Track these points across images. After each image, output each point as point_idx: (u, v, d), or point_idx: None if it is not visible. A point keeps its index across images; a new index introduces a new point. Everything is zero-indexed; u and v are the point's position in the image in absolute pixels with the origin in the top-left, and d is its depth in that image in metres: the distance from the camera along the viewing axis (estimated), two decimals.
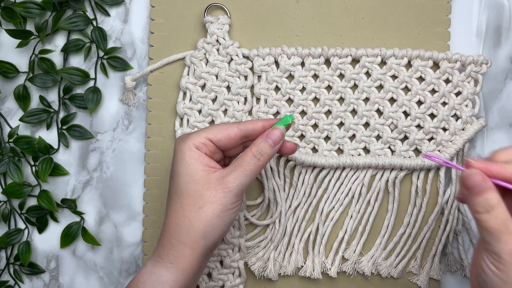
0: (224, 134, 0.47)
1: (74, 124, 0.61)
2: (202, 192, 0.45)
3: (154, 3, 0.60)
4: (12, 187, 0.60)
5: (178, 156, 0.47)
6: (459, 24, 0.60)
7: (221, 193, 0.45)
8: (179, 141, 0.48)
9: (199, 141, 0.47)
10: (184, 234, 0.45)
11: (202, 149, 0.47)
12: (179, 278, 0.45)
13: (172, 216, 0.46)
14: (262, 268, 0.59)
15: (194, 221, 0.45)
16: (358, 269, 0.59)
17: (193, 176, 0.46)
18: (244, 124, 0.48)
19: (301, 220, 0.60)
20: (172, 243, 0.46)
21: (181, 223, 0.45)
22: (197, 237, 0.45)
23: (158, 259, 0.46)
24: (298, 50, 0.57)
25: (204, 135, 0.47)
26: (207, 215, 0.45)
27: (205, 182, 0.46)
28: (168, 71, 0.60)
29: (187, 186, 0.46)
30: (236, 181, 0.46)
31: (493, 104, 0.60)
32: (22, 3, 0.58)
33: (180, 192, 0.46)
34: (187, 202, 0.46)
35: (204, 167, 0.46)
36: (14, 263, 0.62)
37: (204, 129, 0.48)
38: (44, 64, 0.60)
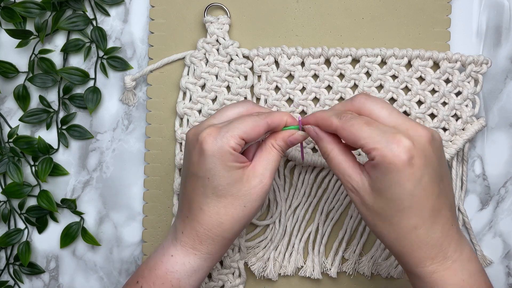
0: (256, 132, 0.47)
1: (74, 124, 0.61)
2: (244, 192, 0.47)
3: (154, 3, 0.60)
4: (12, 187, 0.60)
5: (214, 158, 0.46)
6: (459, 24, 0.60)
7: (262, 192, 0.48)
8: (212, 143, 0.46)
9: (235, 143, 0.46)
10: (228, 231, 0.47)
11: (237, 150, 0.47)
12: (213, 264, 0.49)
13: (213, 216, 0.47)
14: (262, 268, 0.59)
15: (239, 218, 0.47)
16: (358, 269, 0.59)
17: (233, 177, 0.46)
18: (271, 118, 0.48)
19: (301, 220, 0.60)
20: (214, 239, 0.47)
21: (226, 221, 0.47)
22: (240, 230, 0.48)
23: (194, 252, 0.48)
24: (298, 50, 0.57)
25: (238, 135, 0.46)
26: (250, 212, 0.48)
27: (245, 181, 0.47)
28: (168, 71, 0.60)
29: (228, 188, 0.47)
30: (271, 178, 0.48)
31: (493, 104, 0.60)
32: (22, 3, 0.58)
33: (221, 193, 0.47)
34: (230, 202, 0.47)
35: (240, 165, 0.47)
36: (14, 263, 0.62)
37: (234, 125, 0.46)
38: (44, 64, 0.60)
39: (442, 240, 0.43)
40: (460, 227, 0.60)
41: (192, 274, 0.48)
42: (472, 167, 0.61)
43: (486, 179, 0.61)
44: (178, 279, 0.47)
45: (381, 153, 0.41)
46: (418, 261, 0.44)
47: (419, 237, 0.43)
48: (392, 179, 0.42)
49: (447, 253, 0.44)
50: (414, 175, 0.41)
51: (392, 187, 0.42)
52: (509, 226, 0.61)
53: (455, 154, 0.58)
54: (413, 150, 0.41)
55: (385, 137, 0.42)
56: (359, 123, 0.43)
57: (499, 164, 0.61)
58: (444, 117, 0.57)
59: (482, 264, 0.60)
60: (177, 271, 0.48)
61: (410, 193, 0.42)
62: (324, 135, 0.47)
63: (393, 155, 0.41)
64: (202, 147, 0.46)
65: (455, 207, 0.48)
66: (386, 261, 0.59)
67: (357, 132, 0.43)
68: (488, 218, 0.61)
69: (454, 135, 0.58)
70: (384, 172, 0.42)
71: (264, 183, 0.47)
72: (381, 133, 0.42)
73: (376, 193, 0.43)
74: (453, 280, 0.43)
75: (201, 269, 0.48)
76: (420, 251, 0.43)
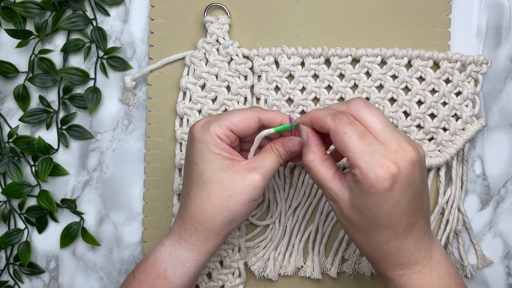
0: (245, 124, 0.47)
1: (74, 124, 0.61)
2: (231, 181, 0.46)
3: (154, 3, 0.60)
4: (12, 187, 0.60)
5: (201, 144, 0.47)
6: (459, 24, 0.60)
7: (251, 187, 0.46)
8: (200, 130, 0.47)
9: (221, 132, 0.47)
10: (210, 221, 0.47)
11: (224, 140, 0.47)
12: (200, 258, 0.48)
13: (197, 202, 0.47)
14: (262, 268, 0.59)
15: (221, 209, 0.46)
16: (358, 269, 0.59)
17: (220, 164, 0.46)
18: (264, 114, 0.48)
19: (301, 220, 0.60)
20: (197, 227, 0.47)
21: (208, 209, 0.47)
22: (223, 224, 0.47)
23: (180, 240, 0.48)
24: (298, 50, 0.57)
25: (225, 125, 0.47)
26: (235, 205, 0.46)
27: (233, 172, 0.46)
28: (168, 71, 0.60)
29: (215, 174, 0.46)
30: (264, 177, 0.47)
31: (493, 104, 0.60)
32: (22, 3, 0.58)
33: (206, 179, 0.47)
34: (214, 189, 0.46)
35: (230, 156, 0.47)
36: (14, 263, 0.62)
37: (224, 116, 0.47)
38: (44, 64, 0.60)
39: (413, 249, 0.44)
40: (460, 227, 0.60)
41: (178, 265, 0.47)
42: (472, 167, 0.61)
43: (486, 179, 0.61)
44: (164, 268, 0.47)
45: (364, 174, 0.41)
46: (389, 266, 0.45)
47: (391, 248, 0.44)
48: (370, 200, 0.42)
49: (418, 259, 0.45)
50: (393, 198, 0.41)
51: (370, 207, 0.42)
52: (509, 226, 0.61)
53: (455, 154, 0.58)
54: (397, 177, 0.41)
55: (373, 158, 0.41)
56: (352, 133, 0.42)
57: (499, 164, 0.61)
58: (444, 117, 0.57)
59: (482, 264, 0.60)
60: (164, 260, 0.48)
61: (387, 213, 0.42)
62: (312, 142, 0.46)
63: (376, 179, 0.41)
64: (192, 134, 0.48)
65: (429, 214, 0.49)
66: None
67: (347, 142, 0.42)
68: (488, 218, 0.61)
69: (454, 135, 0.58)
70: (364, 192, 0.42)
71: (254, 178, 0.46)
72: (370, 152, 0.41)
73: (354, 207, 0.43)
74: (422, 282, 0.45)
75: (187, 261, 0.47)
76: (390, 259, 0.45)
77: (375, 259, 0.45)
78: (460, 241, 0.60)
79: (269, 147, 0.49)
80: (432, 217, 0.59)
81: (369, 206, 0.42)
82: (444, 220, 0.59)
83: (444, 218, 0.59)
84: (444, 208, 0.59)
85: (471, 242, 0.61)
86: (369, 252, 0.45)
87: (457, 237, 0.60)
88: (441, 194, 0.59)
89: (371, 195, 0.41)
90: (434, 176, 0.59)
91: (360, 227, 0.44)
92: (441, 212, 0.59)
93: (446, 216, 0.59)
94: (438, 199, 0.59)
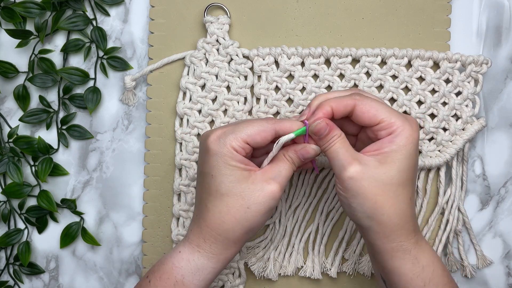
0: (261, 137, 0.47)
1: (74, 124, 0.61)
2: (249, 192, 0.47)
3: (154, 3, 0.60)
4: (12, 187, 0.60)
5: (217, 157, 0.47)
6: (459, 24, 0.60)
7: (269, 197, 0.47)
8: (216, 143, 0.47)
9: (237, 145, 0.47)
10: (230, 232, 0.47)
11: (240, 152, 0.47)
12: (218, 266, 0.49)
13: (216, 214, 0.47)
14: (262, 268, 0.59)
15: (241, 220, 0.47)
16: (358, 269, 0.59)
17: (237, 176, 0.47)
18: (280, 125, 0.48)
19: (301, 220, 0.60)
20: (216, 238, 0.47)
21: (227, 221, 0.47)
22: (242, 234, 0.48)
23: (198, 249, 0.48)
24: (298, 50, 0.57)
25: (241, 138, 0.47)
26: (254, 216, 0.47)
27: (250, 183, 0.47)
28: (168, 71, 0.60)
29: (233, 186, 0.47)
30: (281, 186, 0.48)
31: (493, 104, 0.60)
32: (22, 3, 0.58)
33: (225, 191, 0.47)
34: (233, 201, 0.47)
35: (246, 167, 0.47)
36: (14, 263, 0.62)
37: (240, 128, 0.47)
38: (44, 64, 0.60)
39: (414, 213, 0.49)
40: (460, 227, 0.60)
41: (196, 273, 0.48)
42: (472, 167, 0.61)
43: (486, 179, 0.61)
44: (182, 275, 0.48)
45: (402, 127, 0.46)
46: (408, 234, 0.47)
47: (412, 209, 0.48)
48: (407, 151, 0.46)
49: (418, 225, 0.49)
50: (418, 150, 0.48)
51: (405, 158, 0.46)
52: (509, 226, 0.61)
53: (455, 154, 0.58)
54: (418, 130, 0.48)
55: (399, 116, 0.47)
56: (376, 101, 0.48)
57: (499, 164, 0.61)
58: (444, 117, 0.57)
59: (482, 264, 0.60)
60: (182, 267, 0.48)
61: (414, 165, 0.47)
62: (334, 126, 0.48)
63: (411, 129, 0.47)
64: (207, 146, 0.48)
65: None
66: None
67: (378, 108, 0.47)
68: (488, 218, 0.61)
69: (454, 135, 0.58)
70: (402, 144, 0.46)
71: (272, 189, 0.47)
72: (395, 112, 0.47)
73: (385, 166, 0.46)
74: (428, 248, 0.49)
75: (205, 269, 0.48)
76: (410, 224, 0.47)
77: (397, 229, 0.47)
78: (460, 241, 0.60)
79: (282, 155, 0.49)
80: (432, 217, 0.59)
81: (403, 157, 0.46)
82: (444, 220, 0.59)
83: (444, 218, 0.59)
84: (444, 208, 0.59)
85: (471, 242, 0.60)
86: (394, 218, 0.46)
87: (457, 237, 0.60)
88: (441, 194, 0.59)
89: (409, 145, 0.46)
90: (434, 176, 0.59)
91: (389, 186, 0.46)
92: (441, 212, 0.59)
93: (446, 216, 0.59)
94: (438, 199, 0.59)
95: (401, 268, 0.47)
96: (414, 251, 0.47)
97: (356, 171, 0.46)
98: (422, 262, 0.47)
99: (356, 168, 0.46)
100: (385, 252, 0.47)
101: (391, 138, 0.46)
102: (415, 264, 0.47)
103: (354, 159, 0.46)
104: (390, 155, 0.46)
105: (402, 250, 0.47)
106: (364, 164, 0.46)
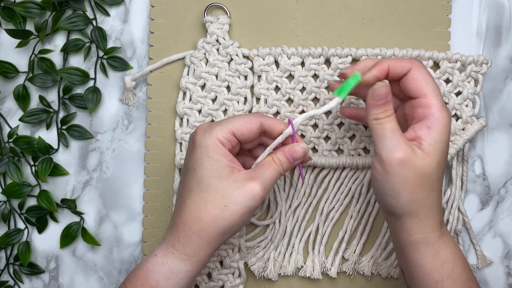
0: (247, 128, 0.47)
1: (74, 124, 0.61)
2: (229, 190, 0.45)
3: (154, 3, 0.60)
4: (12, 187, 0.60)
5: (201, 149, 0.46)
6: (459, 24, 0.60)
7: (248, 197, 0.46)
8: (201, 133, 0.47)
9: (223, 136, 0.46)
10: (205, 230, 0.46)
11: (226, 145, 0.46)
12: (193, 269, 0.47)
13: (192, 209, 0.46)
14: (262, 268, 0.59)
15: (217, 218, 0.45)
16: (358, 269, 0.59)
17: (219, 172, 0.46)
18: (266, 119, 0.48)
19: (301, 220, 0.60)
20: (191, 236, 0.46)
21: (203, 218, 0.45)
22: (218, 234, 0.46)
23: (172, 250, 0.46)
24: (298, 50, 0.57)
25: (227, 129, 0.46)
26: (231, 215, 0.45)
27: (232, 181, 0.46)
28: (168, 71, 0.60)
29: (212, 181, 0.46)
30: (263, 187, 0.46)
31: (493, 104, 0.60)
32: (22, 3, 0.58)
33: (204, 186, 0.46)
34: (211, 197, 0.45)
35: (229, 164, 0.46)
36: (14, 263, 0.62)
37: (226, 121, 0.47)
38: (44, 64, 0.60)
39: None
40: (460, 227, 0.60)
41: (170, 277, 0.46)
42: (472, 167, 0.61)
43: (486, 179, 0.61)
44: (156, 281, 0.46)
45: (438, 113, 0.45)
46: (434, 225, 0.47)
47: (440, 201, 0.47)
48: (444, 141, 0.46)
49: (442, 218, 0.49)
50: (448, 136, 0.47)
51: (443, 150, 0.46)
52: (509, 226, 0.61)
53: (455, 154, 0.58)
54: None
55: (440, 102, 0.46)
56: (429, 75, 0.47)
57: (499, 164, 0.61)
58: None
59: (482, 264, 0.60)
60: (156, 272, 0.46)
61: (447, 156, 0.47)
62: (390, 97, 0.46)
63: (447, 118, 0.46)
64: (193, 138, 0.47)
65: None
66: (386, 261, 0.59)
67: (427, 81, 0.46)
68: (488, 218, 0.61)
69: (454, 135, 0.58)
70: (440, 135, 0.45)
71: (252, 188, 0.46)
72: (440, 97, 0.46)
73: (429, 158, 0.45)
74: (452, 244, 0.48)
75: (180, 273, 0.46)
76: (437, 216, 0.47)
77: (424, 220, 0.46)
78: (460, 241, 0.60)
79: (270, 157, 0.48)
80: None
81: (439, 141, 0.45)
82: (444, 220, 0.59)
83: (444, 218, 0.59)
84: (444, 208, 0.59)
85: (471, 242, 0.60)
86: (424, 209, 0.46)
87: (457, 237, 0.60)
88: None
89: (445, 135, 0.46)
90: None
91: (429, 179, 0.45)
92: None
93: (446, 216, 0.59)
94: None
95: (421, 260, 0.46)
96: (437, 245, 0.46)
97: (406, 156, 0.44)
98: (443, 257, 0.47)
99: (407, 153, 0.44)
100: (409, 243, 0.47)
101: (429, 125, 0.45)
102: (436, 258, 0.46)
103: (405, 144, 0.45)
104: (429, 147, 0.45)
105: (425, 243, 0.46)
106: (413, 151, 0.45)
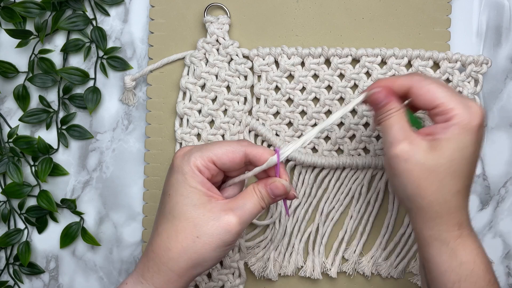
0: (229, 158, 0.44)
1: (73, 124, 0.61)
2: (203, 220, 0.43)
3: (154, 3, 0.60)
4: (12, 187, 0.60)
5: (178, 175, 0.44)
6: (459, 24, 0.60)
7: (223, 230, 0.43)
8: (180, 158, 0.45)
9: (201, 164, 0.44)
10: (174, 261, 0.43)
11: (204, 173, 0.44)
12: None
13: (163, 238, 0.43)
14: (262, 268, 0.59)
15: (188, 249, 0.43)
16: (358, 269, 0.59)
17: (194, 200, 0.43)
18: (252, 149, 0.45)
19: (301, 220, 0.60)
20: (160, 267, 0.43)
21: (173, 248, 0.43)
22: (188, 266, 0.43)
23: (141, 280, 0.44)
24: (298, 50, 0.57)
25: (207, 157, 0.44)
26: (203, 247, 0.43)
27: (207, 210, 0.43)
28: (168, 71, 0.60)
29: (186, 209, 0.43)
30: (240, 221, 0.43)
31: (493, 104, 0.60)
32: (21, 3, 0.58)
33: (176, 214, 0.43)
34: (183, 226, 0.43)
35: (207, 193, 0.44)
36: (14, 263, 0.62)
37: (207, 147, 0.45)
38: (44, 64, 0.60)
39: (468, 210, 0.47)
40: None
41: None
42: None
43: (486, 179, 0.61)
44: None
45: (460, 115, 0.44)
46: (449, 224, 0.45)
47: (458, 201, 0.45)
48: (462, 140, 0.44)
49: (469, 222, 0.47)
50: (478, 140, 0.45)
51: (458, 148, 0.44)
52: (509, 226, 0.61)
53: None
54: (484, 117, 0.45)
55: (460, 103, 0.44)
56: (436, 83, 0.45)
57: (499, 164, 0.61)
58: None
59: None
60: None
61: (470, 157, 0.44)
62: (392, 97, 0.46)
63: (469, 118, 0.44)
64: (172, 161, 0.45)
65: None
66: (386, 261, 0.59)
67: (434, 91, 0.45)
68: (488, 218, 0.61)
69: None
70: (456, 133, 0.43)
71: (228, 220, 0.43)
72: (456, 95, 0.45)
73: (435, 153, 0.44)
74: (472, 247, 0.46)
75: None
76: (453, 216, 0.45)
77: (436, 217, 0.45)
78: None
79: (251, 188, 0.45)
80: None
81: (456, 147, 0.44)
82: None
83: None
84: None
85: None
86: (434, 206, 0.45)
87: None
88: None
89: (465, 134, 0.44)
90: None
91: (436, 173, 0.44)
92: None
93: None
94: None
95: (436, 257, 0.46)
96: (453, 244, 0.45)
97: (403, 150, 0.44)
98: (461, 258, 0.45)
99: (403, 147, 0.44)
100: (423, 238, 0.46)
101: (447, 125, 0.44)
102: (452, 258, 0.45)
103: (405, 138, 0.45)
104: (442, 143, 0.44)
105: (440, 240, 0.45)
106: (414, 145, 0.44)
